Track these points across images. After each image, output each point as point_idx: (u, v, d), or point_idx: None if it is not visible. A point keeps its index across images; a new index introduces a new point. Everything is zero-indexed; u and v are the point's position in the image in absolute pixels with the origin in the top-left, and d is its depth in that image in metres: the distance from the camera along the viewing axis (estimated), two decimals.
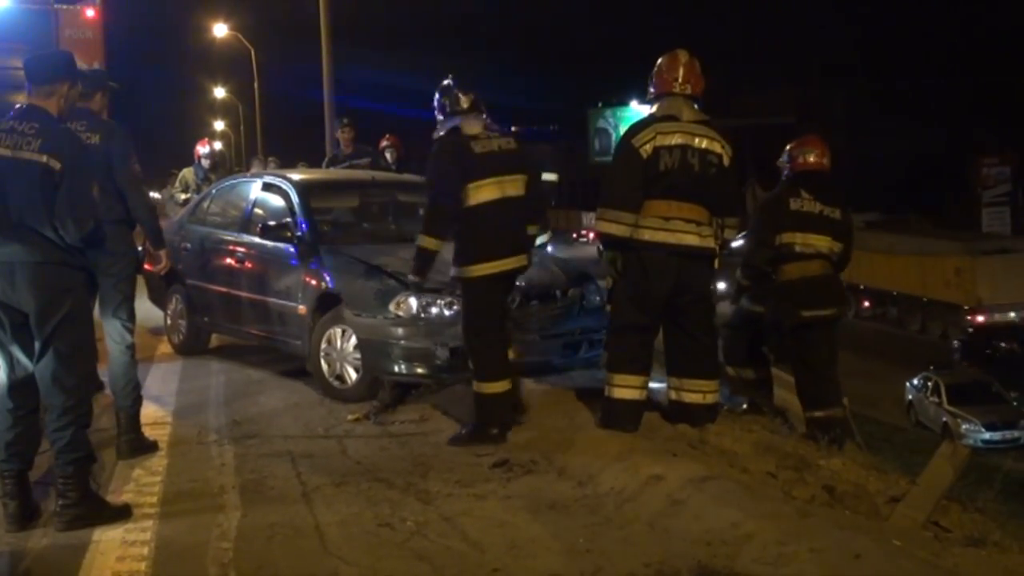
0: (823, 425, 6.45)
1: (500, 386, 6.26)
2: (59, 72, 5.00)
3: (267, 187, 8.92)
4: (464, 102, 6.35)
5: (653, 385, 6.35)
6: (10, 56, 12.06)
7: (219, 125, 61.71)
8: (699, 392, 6.11)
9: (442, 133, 6.37)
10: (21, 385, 4.89)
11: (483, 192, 6.20)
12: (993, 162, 42.04)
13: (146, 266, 7.30)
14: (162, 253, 6.56)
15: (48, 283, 4.76)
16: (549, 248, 7.84)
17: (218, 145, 14.12)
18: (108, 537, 4.80)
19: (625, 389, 6.02)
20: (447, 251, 6.47)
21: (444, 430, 6.48)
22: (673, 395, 6.20)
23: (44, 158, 4.70)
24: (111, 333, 6.19)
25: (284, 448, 6.25)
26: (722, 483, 5.02)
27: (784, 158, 6.90)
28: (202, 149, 13.10)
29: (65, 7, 12.27)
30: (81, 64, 12.36)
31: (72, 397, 4.86)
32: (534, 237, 6.55)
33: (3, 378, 4.88)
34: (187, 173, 13.10)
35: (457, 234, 6.27)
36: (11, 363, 4.88)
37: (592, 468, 5.48)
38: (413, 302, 7.13)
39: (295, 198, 8.39)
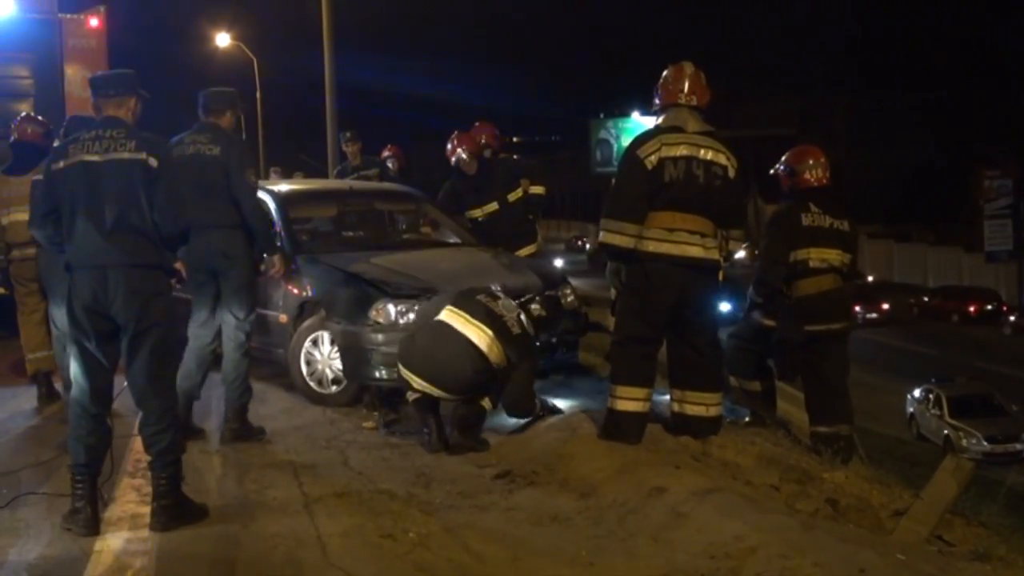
0: (827, 440, 6.43)
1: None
2: (127, 87, 5.19)
3: None
4: None
5: (656, 397, 6.35)
6: (14, 65, 12.10)
7: None
8: (702, 405, 6.10)
9: None
10: (102, 391, 5.03)
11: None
12: (995, 174, 41.97)
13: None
14: (275, 258, 7.04)
15: (142, 287, 4.91)
16: None
17: None
18: (110, 547, 4.78)
19: (628, 401, 6.01)
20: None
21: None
22: (676, 407, 6.19)
23: (143, 155, 4.92)
24: (226, 332, 6.63)
25: (286, 458, 6.23)
26: (725, 496, 5.01)
27: (784, 169, 6.86)
28: None
29: (69, 16, 12.31)
30: (86, 73, 12.40)
31: (168, 400, 5.06)
32: None
33: (86, 385, 4.98)
34: None
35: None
36: (95, 370, 4.98)
37: (595, 480, 5.47)
38: (391, 309, 7.24)
39: (274, 208, 8.52)
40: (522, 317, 6.52)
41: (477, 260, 8.33)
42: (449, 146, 9.32)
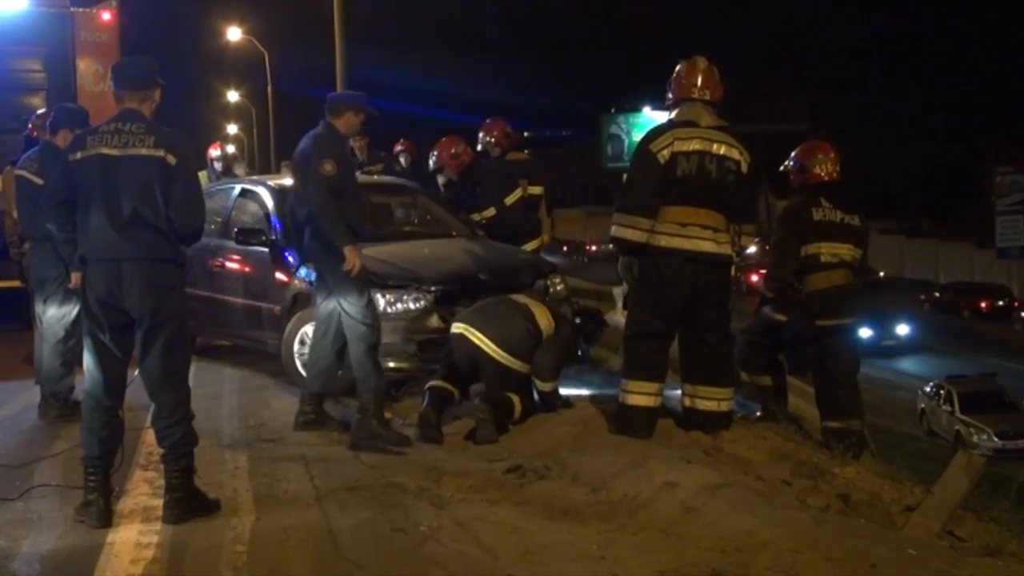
0: (838, 435, 6.43)
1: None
2: (149, 80, 5.12)
3: (244, 193, 9.23)
4: None
5: (667, 392, 6.35)
6: (28, 58, 12.14)
7: (232, 128, 61.78)
8: (714, 400, 6.10)
9: None
10: (115, 384, 5.05)
11: None
12: (1007, 170, 41.82)
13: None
14: (344, 251, 6.36)
15: (156, 280, 4.92)
16: None
17: (231, 148, 14.12)
18: (122, 539, 4.81)
19: (640, 396, 6.02)
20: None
21: (455, 434, 6.48)
22: (687, 402, 6.20)
23: (161, 152, 4.90)
24: (344, 327, 6.50)
25: (298, 452, 6.25)
26: (736, 490, 5.00)
27: (794, 165, 6.86)
28: (214, 152, 13.11)
29: (81, 10, 12.35)
30: (98, 67, 12.43)
31: (181, 392, 5.08)
32: None
33: (99, 377, 4.99)
34: (201, 176, 13.09)
35: None
36: (109, 362, 5.00)
37: (606, 474, 5.47)
38: (380, 298, 7.23)
39: (270, 203, 8.62)
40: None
41: (467, 249, 8.37)
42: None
